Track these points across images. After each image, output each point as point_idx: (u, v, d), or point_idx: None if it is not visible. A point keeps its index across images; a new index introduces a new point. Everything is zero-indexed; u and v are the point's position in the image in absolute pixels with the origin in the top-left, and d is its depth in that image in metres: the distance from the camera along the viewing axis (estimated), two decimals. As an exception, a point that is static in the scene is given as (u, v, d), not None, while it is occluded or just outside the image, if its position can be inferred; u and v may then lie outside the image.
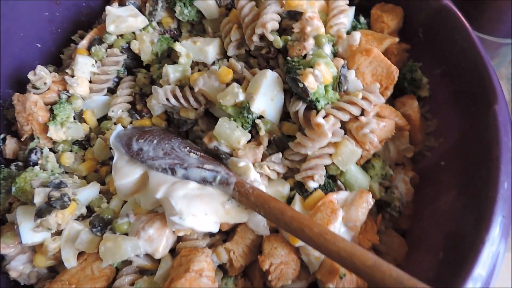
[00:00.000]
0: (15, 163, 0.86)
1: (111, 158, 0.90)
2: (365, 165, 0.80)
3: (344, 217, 0.69)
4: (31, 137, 0.89)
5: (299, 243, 0.67)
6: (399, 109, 0.83)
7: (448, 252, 0.66)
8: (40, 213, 0.70)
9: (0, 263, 0.79)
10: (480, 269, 0.57)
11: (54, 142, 0.89)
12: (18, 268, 0.76)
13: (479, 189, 0.66)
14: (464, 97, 0.79)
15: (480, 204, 0.63)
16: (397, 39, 0.87)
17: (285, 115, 0.82)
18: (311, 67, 0.73)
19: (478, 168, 0.69)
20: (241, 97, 0.76)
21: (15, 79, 0.95)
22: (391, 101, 0.87)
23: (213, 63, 0.90)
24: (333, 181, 0.77)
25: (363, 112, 0.77)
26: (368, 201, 0.69)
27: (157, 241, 0.69)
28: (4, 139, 0.91)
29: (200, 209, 0.68)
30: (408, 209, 0.84)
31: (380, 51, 0.83)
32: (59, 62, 1.03)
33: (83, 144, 0.92)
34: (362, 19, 0.93)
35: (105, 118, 0.95)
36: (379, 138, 0.77)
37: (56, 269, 0.79)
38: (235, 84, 0.77)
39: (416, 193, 0.84)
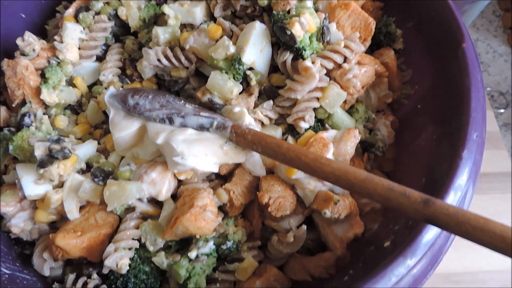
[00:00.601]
0: (7, 128, 0.87)
1: (104, 122, 0.93)
2: (349, 110, 0.86)
3: (335, 152, 0.74)
4: (21, 105, 0.89)
5: (295, 174, 0.71)
6: (377, 59, 0.90)
7: (429, 175, 0.73)
8: (43, 164, 0.71)
9: (0, 222, 0.80)
10: (461, 180, 0.64)
11: (46, 107, 0.90)
12: (19, 225, 0.77)
13: (453, 116, 0.73)
14: (435, 44, 0.87)
15: (455, 128, 0.70)
16: (371, -4, 0.94)
17: (272, 69, 0.87)
18: (296, 16, 0.78)
19: (451, 99, 0.76)
20: (232, 49, 0.80)
21: (1, 49, 0.95)
22: (369, 54, 0.94)
23: (200, 25, 0.94)
24: (321, 125, 0.83)
25: (345, 60, 0.83)
26: (355, 136, 0.75)
27: (160, 183, 0.72)
28: (-7, 108, 0.92)
29: (200, 150, 0.71)
30: (390, 152, 0.91)
31: (357, 7, 0.89)
32: (44, 34, 1.04)
33: (75, 109, 0.94)
34: (338, -20, 0.99)
35: (95, 84, 0.97)
36: (361, 83, 0.83)
37: (57, 225, 0.80)
38: (225, 37, 0.81)
39: (397, 137, 0.91)
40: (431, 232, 0.60)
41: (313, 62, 0.78)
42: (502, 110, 1.38)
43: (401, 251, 0.59)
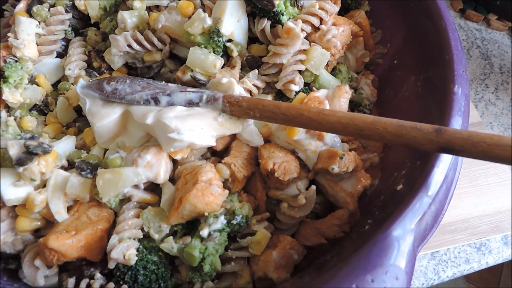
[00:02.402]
0: (-33, 137, 0.77)
1: (76, 120, 0.86)
2: (333, 73, 0.87)
3: (330, 109, 0.73)
4: (-20, 110, 0.80)
5: (297, 135, 0.69)
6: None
7: (425, 118, 0.74)
8: (21, 162, 0.64)
9: (-24, 239, 0.70)
10: (458, 113, 0.65)
11: (9, 109, 0.81)
12: (-1, 238, 0.68)
13: (436, 58, 0.75)
14: (400, 2, 0.90)
15: (441, 68, 0.72)
16: (334, -39, 0.95)
17: (250, 41, 0.85)
18: (271, -19, 0.77)
19: (429, 45, 0.78)
20: (209, 21, 0.77)
21: None
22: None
23: (167, 6, 0.90)
24: (309, 89, 0.82)
25: (321, 22, 0.83)
26: (347, 91, 0.75)
27: (156, 165, 0.67)
28: None
29: (195, 124, 0.67)
30: (374, 112, 0.92)
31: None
32: (-9, 37, 0.95)
33: (42, 109, 0.86)
34: None
35: (59, 82, 0.89)
36: (341, 43, 0.83)
37: (42, 233, 0.72)
38: (200, 10, 0.78)
39: (379, 95, 0.92)
40: (442, 166, 0.61)
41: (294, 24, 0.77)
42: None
43: (419, 188, 0.59)
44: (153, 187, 0.73)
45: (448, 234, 1.04)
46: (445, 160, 0.61)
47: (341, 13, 0.96)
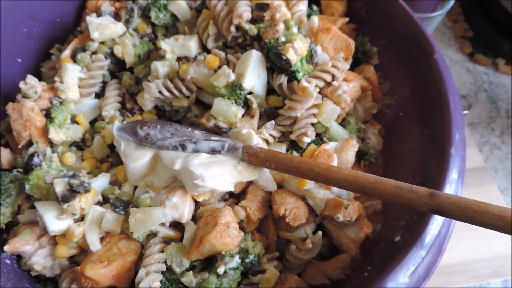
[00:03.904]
0: (15, 170, 0.88)
1: (109, 155, 0.96)
2: (342, 123, 0.95)
3: (338, 161, 0.81)
4: (27, 146, 0.91)
5: (307, 185, 0.78)
6: (359, 75, 1.00)
7: (423, 174, 0.81)
8: (65, 199, 0.74)
9: (19, 262, 0.80)
10: (453, 174, 0.73)
11: (52, 146, 0.92)
12: (40, 262, 0.78)
13: (436, 119, 0.83)
14: (408, 57, 0.98)
15: (440, 129, 0.80)
16: (347, 19, 1.05)
17: (268, 92, 0.94)
18: (289, 43, 0.87)
19: (431, 104, 0.86)
20: (232, 76, 0.87)
21: (0, 94, 0.97)
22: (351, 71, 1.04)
23: (195, 57, 1.00)
24: (320, 139, 0.90)
25: (333, 78, 0.92)
26: (354, 145, 0.83)
27: (181, 206, 0.76)
28: (-3, 151, 0.92)
29: (217, 171, 0.76)
30: (380, 158, 1.00)
31: (335, 30, 0.99)
32: (38, 76, 1.06)
33: (79, 145, 0.96)
34: (314, 7, 1.10)
35: (95, 121, 1.00)
36: (351, 97, 0.92)
37: (76, 259, 0.81)
38: (225, 66, 0.88)
39: (384, 144, 1.00)
40: (436, 223, 0.68)
41: (308, 83, 0.86)
42: (465, 112, 1.53)
43: (414, 242, 0.66)
44: (176, 224, 0.82)
45: (447, 276, 1.10)
46: (439, 218, 0.68)
47: (353, 65, 1.04)
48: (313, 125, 0.88)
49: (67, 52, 1.01)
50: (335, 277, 0.77)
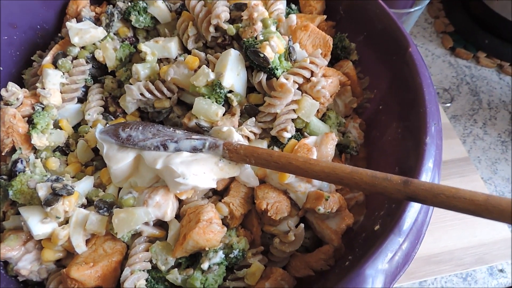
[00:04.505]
0: (0, 177, 0.88)
1: (93, 159, 0.96)
2: (322, 118, 0.97)
3: (318, 155, 0.83)
4: (11, 152, 0.91)
5: (287, 179, 0.79)
6: (339, 70, 1.01)
7: (401, 165, 0.83)
8: (48, 202, 0.74)
9: (5, 268, 0.80)
10: (429, 163, 0.74)
11: (36, 151, 0.92)
12: (26, 267, 0.78)
13: (412, 110, 0.84)
14: (385, 52, 1.00)
15: (415, 120, 0.82)
16: (325, 16, 1.07)
17: (249, 90, 0.96)
18: (266, 41, 0.88)
19: (407, 97, 0.88)
20: (212, 76, 0.88)
21: (-19, 102, 0.97)
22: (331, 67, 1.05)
23: (176, 58, 1.01)
24: (301, 134, 0.92)
25: (312, 74, 0.93)
26: (333, 138, 0.84)
27: (164, 205, 0.77)
28: (-20, 159, 0.93)
29: (199, 169, 0.77)
30: (362, 152, 1.01)
31: (314, 27, 1.01)
32: (20, 83, 1.07)
33: (63, 150, 0.96)
34: (293, 6, 1.12)
35: (79, 125, 1.01)
36: (330, 92, 0.93)
37: (63, 262, 0.82)
38: (204, 66, 0.89)
39: (366, 137, 1.02)
40: (412, 210, 0.70)
41: (286, 79, 0.87)
42: (448, 104, 1.55)
43: (391, 229, 0.68)
44: (160, 223, 0.83)
45: (433, 265, 1.12)
46: (415, 205, 0.70)
47: (332, 61, 1.06)
48: (293, 120, 0.90)
49: (48, 58, 1.01)
50: (319, 268, 0.78)
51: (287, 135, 0.86)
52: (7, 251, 0.77)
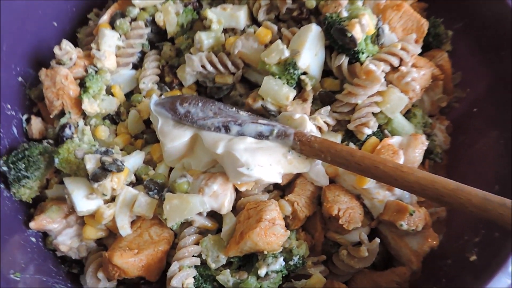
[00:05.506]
0: (46, 140, 0.82)
1: (144, 131, 0.88)
2: (406, 115, 0.83)
3: (403, 160, 0.70)
4: (59, 116, 0.85)
5: (367, 184, 0.67)
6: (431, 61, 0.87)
7: (505, 183, 0.69)
8: (96, 177, 0.67)
9: (44, 240, 0.75)
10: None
11: (85, 117, 0.85)
12: (66, 242, 0.72)
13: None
14: (488, 45, 0.84)
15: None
16: (417, -4, 0.91)
17: (323, 74, 0.83)
18: (355, 18, 0.75)
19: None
20: (286, 53, 0.76)
21: (34, 58, 0.91)
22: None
23: (243, 29, 0.90)
24: (380, 131, 0.79)
25: (401, 63, 0.79)
26: (423, 142, 0.71)
27: (222, 196, 0.68)
28: (28, 119, 0.87)
29: (265, 160, 0.67)
30: (445, 160, 0.87)
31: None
32: (74, 42, 0.99)
33: (114, 119, 0.89)
34: (381, -19, 0.97)
35: (131, 94, 0.92)
36: (420, 86, 0.79)
37: (104, 242, 0.75)
38: (279, 41, 0.78)
39: (451, 142, 0.88)
40: (526, 243, 0.57)
41: (375, 66, 0.74)
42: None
43: (498, 266, 0.55)
44: (212, 213, 0.74)
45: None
46: (529, 239, 0.57)
47: (422, 49, 0.91)
48: (374, 114, 0.77)
49: (105, 18, 0.93)
50: (390, 291, 0.67)
51: (367, 131, 0.74)
52: (48, 222, 0.71)
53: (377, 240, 0.68)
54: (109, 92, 0.89)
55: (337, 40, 0.75)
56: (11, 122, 0.84)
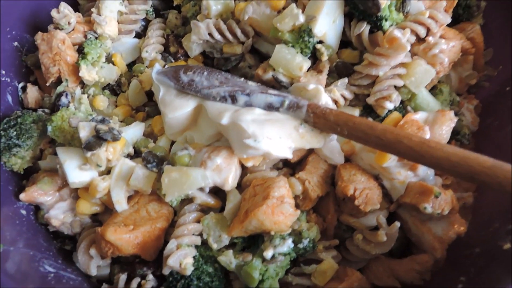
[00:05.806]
0: (41, 109, 0.77)
1: (146, 104, 0.82)
2: (432, 92, 0.76)
3: (430, 136, 0.63)
4: (56, 84, 0.80)
5: (388, 162, 0.61)
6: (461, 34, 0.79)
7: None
8: (90, 146, 0.61)
9: (36, 213, 0.70)
10: None
11: (84, 86, 0.80)
12: (58, 217, 0.67)
13: None
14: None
15: None
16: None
17: (341, 44, 0.76)
18: (379, -20, 0.68)
19: None
20: (302, 19, 0.70)
21: (32, 23, 0.85)
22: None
23: (255, -4, 0.83)
24: (402, 107, 0.72)
25: (428, 33, 0.72)
26: (451, 119, 0.64)
27: (226, 170, 0.62)
28: (24, 88, 0.82)
29: (274, 132, 0.61)
30: (472, 143, 0.80)
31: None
32: (75, 8, 0.94)
33: (114, 89, 0.83)
34: None
35: (133, 63, 0.87)
36: (449, 59, 0.72)
37: (99, 218, 0.70)
38: (293, 5, 0.71)
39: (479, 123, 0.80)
40: None
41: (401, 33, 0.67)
42: None
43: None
44: (216, 190, 0.68)
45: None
46: None
47: (450, 23, 0.83)
48: (396, 88, 0.70)
49: (108, -20, 0.87)
50: (409, 281, 0.61)
51: (389, 105, 0.67)
52: (40, 195, 0.66)
53: (397, 224, 0.61)
54: (109, 60, 0.83)
55: (358, 4, 0.68)
56: (5, 89, 0.79)
